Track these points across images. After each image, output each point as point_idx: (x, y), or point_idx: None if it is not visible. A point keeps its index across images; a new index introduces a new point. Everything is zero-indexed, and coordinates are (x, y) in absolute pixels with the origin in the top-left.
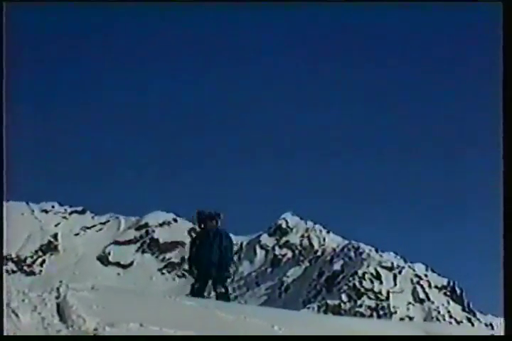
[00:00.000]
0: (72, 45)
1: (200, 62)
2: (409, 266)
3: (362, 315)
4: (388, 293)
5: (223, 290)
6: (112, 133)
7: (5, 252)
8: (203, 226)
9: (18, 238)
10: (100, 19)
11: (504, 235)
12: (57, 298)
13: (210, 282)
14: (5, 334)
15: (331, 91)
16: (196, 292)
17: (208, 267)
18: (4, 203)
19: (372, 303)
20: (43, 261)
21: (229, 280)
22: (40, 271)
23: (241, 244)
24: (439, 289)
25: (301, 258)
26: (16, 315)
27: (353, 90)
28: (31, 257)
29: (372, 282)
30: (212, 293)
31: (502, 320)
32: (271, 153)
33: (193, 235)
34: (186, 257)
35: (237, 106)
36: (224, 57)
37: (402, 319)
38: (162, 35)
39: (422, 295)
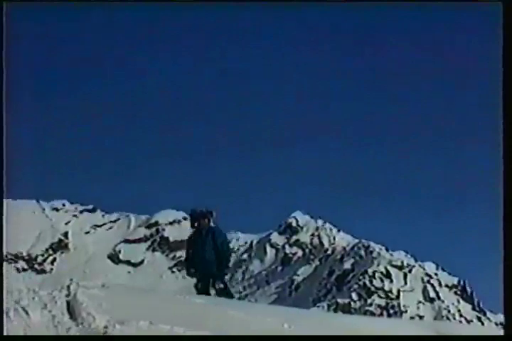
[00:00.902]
0: (71, 45)
1: (200, 57)
2: (420, 265)
3: (372, 313)
4: (398, 291)
5: (222, 285)
6: (122, 133)
7: (15, 250)
8: (196, 225)
9: (29, 236)
10: (100, 15)
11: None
12: (67, 296)
13: (211, 280)
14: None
15: (332, 83)
16: (201, 292)
17: (205, 266)
18: (15, 201)
19: (383, 302)
20: (54, 260)
21: (227, 275)
22: (51, 269)
23: (251, 242)
24: (450, 288)
25: (312, 256)
26: (27, 313)
27: (354, 83)
28: (42, 255)
29: (382, 281)
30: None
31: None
32: (281, 152)
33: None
34: (183, 259)
35: (245, 105)
36: (224, 51)
37: (412, 318)
38: (161, 27)
39: (432, 294)
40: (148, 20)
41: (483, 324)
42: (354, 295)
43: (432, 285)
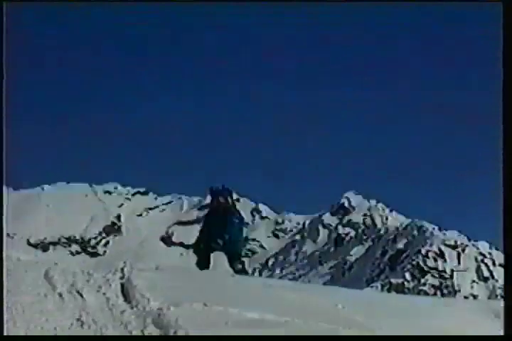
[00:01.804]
0: (71, 45)
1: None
2: (473, 244)
3: (426, 293)
4: (452, 271)
5: (240, 266)
6: (173, 117)
7: (68, 234)
8: (215, 202)
9: (82, 219)
10: (99, 18)
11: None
12: (121, 278)
13: (212, 255)
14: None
15: (343, 75)
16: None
17: (216, 243)
18: (68, 185)
19: (436, 282)
20: (107, 242)
21: (243, 253)
22: (104, 251)
23: (303, 223)
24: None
25: (364, 237)
26: (81, 296)
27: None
28: (95, 238)
29: (435, 260)
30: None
31: None
32: (333, 134)
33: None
34: (197, 236)
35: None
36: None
37: (466, 297)
38: (161, 27)
39: (486, 273)
40: (148, 20)
41: None
42: (407, 275)
43: (486, 264)
